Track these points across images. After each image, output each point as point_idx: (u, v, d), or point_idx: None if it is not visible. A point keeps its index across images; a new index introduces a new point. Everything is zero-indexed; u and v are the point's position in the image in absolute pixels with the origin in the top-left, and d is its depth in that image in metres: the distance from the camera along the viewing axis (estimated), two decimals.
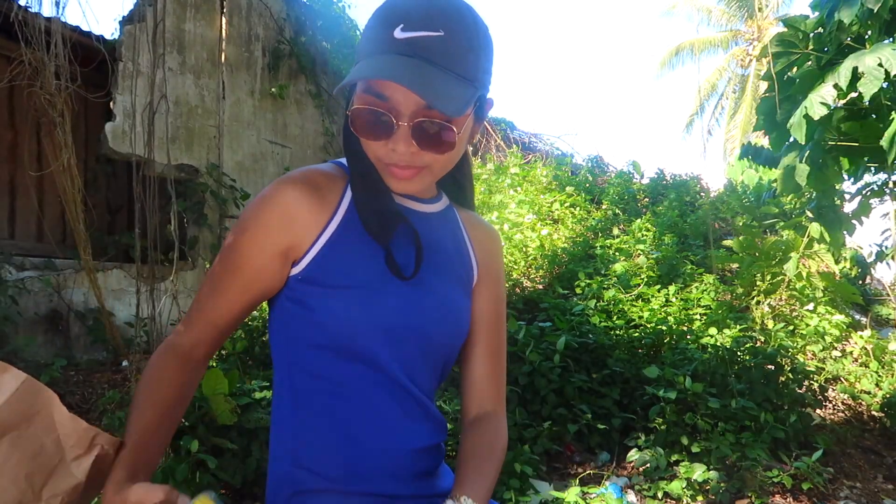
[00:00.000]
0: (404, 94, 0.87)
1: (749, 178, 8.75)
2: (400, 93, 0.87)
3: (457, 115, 0.86)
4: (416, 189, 0.96)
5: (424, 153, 0.91)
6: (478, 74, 0.91)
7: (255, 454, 2.99)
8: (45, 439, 0.81)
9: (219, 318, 0.98)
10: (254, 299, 0.98)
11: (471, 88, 0.89)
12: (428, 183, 0.97)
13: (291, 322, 0.97)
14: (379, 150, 0.92)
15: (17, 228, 6.09)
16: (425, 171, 0.94)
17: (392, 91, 0.87)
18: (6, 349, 4.24)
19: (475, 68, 0.90)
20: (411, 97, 0.87)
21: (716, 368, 4.43)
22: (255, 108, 6.57)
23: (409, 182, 0.94)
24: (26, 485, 0.79)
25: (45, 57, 3.63)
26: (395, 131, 0.89)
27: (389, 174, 0.93)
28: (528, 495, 3.25)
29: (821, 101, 2.90)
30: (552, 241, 6.93)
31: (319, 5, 7.28)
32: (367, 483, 0.95)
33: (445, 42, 0.86)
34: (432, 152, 0.91)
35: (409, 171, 0.92)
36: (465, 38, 0.88)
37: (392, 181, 0.94)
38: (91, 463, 0.84)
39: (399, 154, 0.90)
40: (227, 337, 1.04)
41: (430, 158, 0.92)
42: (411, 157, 0.90)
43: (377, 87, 0.88)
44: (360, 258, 0.95)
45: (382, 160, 0.93)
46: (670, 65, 22.01)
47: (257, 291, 0.97)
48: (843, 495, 3.84)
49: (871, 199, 3.85)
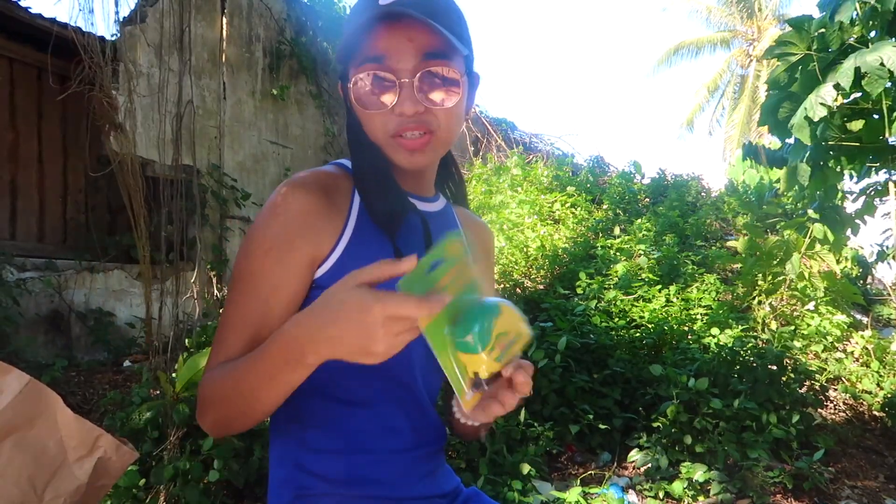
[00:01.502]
0: (399, 50, 0.87)
1: (750, 178, 8.76)
2: (395, 49, 0.87)
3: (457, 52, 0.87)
4: (426, 162, 0.95)
5: (431, 111, 0.90)
6: (462, 34, 0.92)
7: (257, 454, 2.99)
8: (48, 441, 0.81)
9: (252, 345, 0.90)
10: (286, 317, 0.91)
11: (461, 41, 0.90)
12: (436, 155, 0.96)
13: None
14: (386, 123, 0.91)
15: (19, 229, 6.09)
16: (433, 140, 0.93)
17: (388, 49, 0.87)
18: (7, 350, 4.24)
19: (459, 27, 0.92)
20: (408, 51, 0.87)
21: (717, 368, 4.42)
22: (255, 108, 6.57)
23: (420, 153, 0.93)
24: (28, 486, 0.79)
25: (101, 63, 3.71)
26: (400, 91, 0.88)
27: (399, 147, 0.92)
28: (530, 495, 3.25)
29: (821, 103, 2.90)
30: (553, 241, 6.93)
31: (320, 6, 7.28)
32: (369, 486, 0.95)
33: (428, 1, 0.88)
34: (439, 105, 0.90)
35: (418, 140, 0.91)
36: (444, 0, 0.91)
37: (402, 155, 0.93)
38: (93, 465, 0.84)
39: (407, 116, 0.89)
40: None
41: (435, 118, 0.91)
42: (419, 117, 0.90)
43: (372, 51, 0.88)
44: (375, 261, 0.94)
45: (390, 131, 0.91)
46: (669, 64, 22.03)
47: (290, 309, 0.91)
48: (844, 495, 3.83)
49: (875, 198, 3.84)
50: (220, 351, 0.91)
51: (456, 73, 0.91)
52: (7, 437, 0.78)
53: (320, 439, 0.95)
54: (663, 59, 21.99)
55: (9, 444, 0.78)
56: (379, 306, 0.69)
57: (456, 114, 0.94)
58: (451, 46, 0.89)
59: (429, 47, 0.88)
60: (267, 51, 6.71)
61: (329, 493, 0.94)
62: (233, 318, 0.92)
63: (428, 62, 0.88)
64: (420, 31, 0.88)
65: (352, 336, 0.71)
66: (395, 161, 0.94)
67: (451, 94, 0.91)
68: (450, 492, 1.05)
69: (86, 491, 0.84)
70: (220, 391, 0.87)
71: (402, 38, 0.87)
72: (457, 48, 0.89)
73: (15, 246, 5.62)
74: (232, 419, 0.88)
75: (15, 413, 0.78)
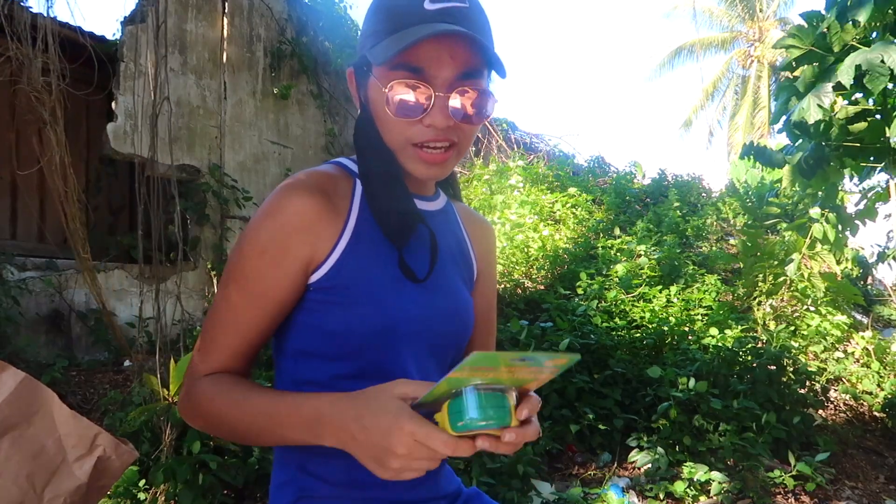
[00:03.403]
0: (441, 63, 0.86)
1: (752, 178, 8.76)
2: (436, 63, 0.86)
3: (501, 76, 0.88)
4: (443, 174, 0.94)
5: (459, 126, 0.90)
6: (495, 49, 0.92)
7: (256, 455, 2.99)
8: (47, 440, 0.81)
9: (242, 346, 0.92)
10: (279, 320, 0.93)
11: (496, 61, 0.89)
12: (452, 167, 0.95)
13: (299, 331, 0.94)
14: (410, 130, 0.89)
15: (19, 229, 6.10)
16: (453, 153, 0.92)
17: (429, 60, 0.86)
18: (8, 350, 4.24)
19: (492, 42, 0.92)
20: (448, 67, 0.86)
21: (718, 369, 4.42)
22: (256, 108, 6.57)
23: (438, 167, 0.92)
24: (28, 485, 0.79)
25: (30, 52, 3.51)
26: (433, 103, 0.87)
27: (417, 158, 0.91)
28: (530, 496, 3.25)
29: (817, 104, 2.90)
30: (554, 241, 6.93)
31: (321, 5, 7.27)
32: (370, 488, 0.95)
33: (473, 13, 0.88)
34: (469, 123, 0.90)
35: (440, 155, 0.91)
36: (483, 12, 0.91)
37: (420, 166, 0.91)
38: (93, 465, 0.84)
39: (435, 129, 0.88)
40: (251, 362, 0.95)
41: (461, 132, 0.91)
42: (447, 131, 0.89)
43: (413, 59, 0.86)
44: (375, 264, 0.92)
45: (413, 140, 0.90)
46: (671, 65, 22.04)
47: (283, 312, 0.92)
48: (844, 496, 3.83)
49: (876, 201, 3.83)
50: (213, 351, 0.91)
51: (487, 92, 0.91)
52: (4, 435, 0.78)
53: None
54: (665, 61, 22.00)
55: (6, 441, 0.78)
56: (410, 428, 0.71)
57: (474, 135, 0.94)
58: (486, 65, 0.89)
59: (468, 65, 0.88)
60: (268, 51, 6.71)
61: (331, 495, 0.94)
62: (224, 319, 0.91)
63: (465, 80, 0.88)
64: (462, 48, 0.87)
65: (374, 443, 0.74)
66: (407, 169, 0.93)
67: (481, 112, 0.91)
68: (451, 493, 1.05)
69: (86, 491, 0.84)
70: (219, 413, 0.87)
71: (445, 53, 0.86)
72: (491, 67, 0.90)
73: (16, 246, 5.62)
74: (223, 435, 0.91)
75: (11, 410, 0.78)
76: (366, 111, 0.95)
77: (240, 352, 0.92)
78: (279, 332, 0.96)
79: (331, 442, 0.78)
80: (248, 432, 0.86)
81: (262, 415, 0.84)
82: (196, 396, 0.90)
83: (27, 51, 3.51)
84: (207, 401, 0.88)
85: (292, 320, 0.94)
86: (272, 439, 0.86)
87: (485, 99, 0.90)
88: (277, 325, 0.94)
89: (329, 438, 0.78)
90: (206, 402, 0.88)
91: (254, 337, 0.92)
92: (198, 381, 0.90)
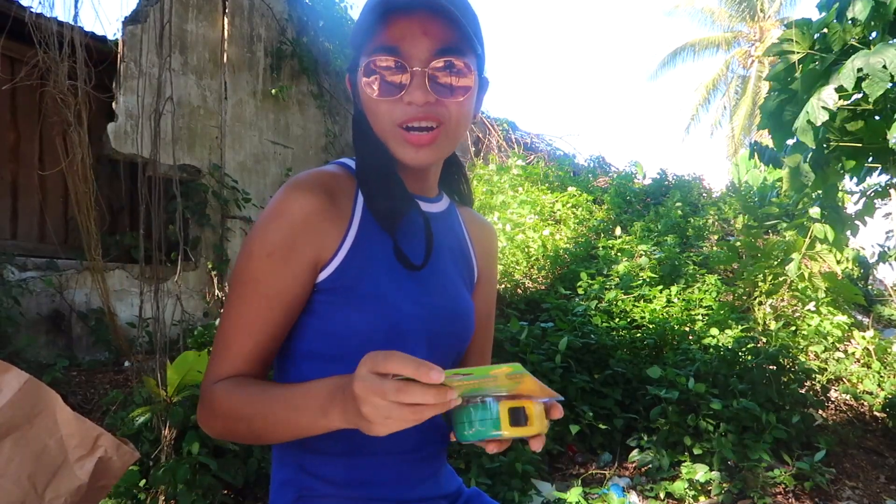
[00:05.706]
0: (414, 40, 0.87)
1: (753, 178, 8.76)
2: (409, 40, 0.87)
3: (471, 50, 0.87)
4: (432, 159, 0.93)
5: (441, 102, 0.90)
6: (477, 32, 0.92)
7: (256, 455, 2.99)
8: (48, 440, 0.81)
9: (255, 350, 0.90)
10: (290, 322, 0.93)
11: (475, 40, 0.89)
12: (442, 152, 0.94)
13: (303, 332, 0.94)
14: (394, 111, 0.90)
15: (20, 229, 6.10)
16: (440, 136, 0.92)
17: (401, 40, 0.87)
18: (8, 350, 4.25)
19: (475, 25, 0.92)
20: (422, 43, 0.87)
21: (718, 369, 4.42)
22: (257, 108, 6.57)
23: (427, 149, 0.91)
24: (29, 485, 0.79)
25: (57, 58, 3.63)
26: (412, 79, 0.88)
27: (405, 141, 0.91)
28: (530, 496, 3.25)
29: (822, 106, 2.89)
30: (554, 241, 6.93)
31: (321, 6, 7.28)
32: (371, 488, 0.95)
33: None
34: (450, 97, 0.90)
35: (425, 135, 0.90)
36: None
37: (408, 150, 0.91)
38: (94, 465, 0.84)
39: (416, 107, 0.89)
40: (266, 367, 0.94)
41: (445, 110, 0.90)
42: (428, 108, 0.89)
43: (387, 40, 0.88)
44: (377, 264, 0.93)
45: (397, 120, 0.90)
46: (672, 64, 22.04)
47: (294, 314, 0.92)
48: (845, 496, 3.83)
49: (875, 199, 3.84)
50: (227, 356, 0.90)
51: (468, 68, 0.91)
52: (7, 436, 0.78)
53: (322, 441, 0.94)
54: (665, 60, 22.01)
55: (9, 442, 0.78)
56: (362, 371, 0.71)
57: (465, 110, 0.93)
58: (465, 42, 0.89)
59: (443, 41, 0.88)
60: (268, 51, 6.71)
61: (331, 494, 0.94)
62: (236, 323, 0.90)
63: (442, 55, 0.88)
64: (436, 25, 0.87)
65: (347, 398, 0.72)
66: (399, 157, 0.92)
67: (462, 87, 0.90)
68: (452, 493, 1.05)
69: (87, 491, 0.84)
70: (237, 408, 0.86)
71: (417, 30, 0.87)
72: (471, 45, 0.89)
73: (16, 246, 5.62)
74: (242, 437, 0.89)
75: (14, 411, 0.78)
76: (358, 106, 0.96)
77: (253, 356, 0.90)
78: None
79: (337, 419, 0.76)
80: (265, 425, 0.84)
81: (278, 401, 0.82)
82: (212, 401, 0.89)
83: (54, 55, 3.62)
84: (224, 399, 0.87)
85: (297, 322, 0.94)
86: (287, 429, 0.83)
87: (466, 74, 0.90)
88: (289, 328, 0.93)
89: (335, 416, 0.76)
90: (224, 401, 0.87)
91: (266, 339, 0.90)
92: (213, 387, 0.89)
